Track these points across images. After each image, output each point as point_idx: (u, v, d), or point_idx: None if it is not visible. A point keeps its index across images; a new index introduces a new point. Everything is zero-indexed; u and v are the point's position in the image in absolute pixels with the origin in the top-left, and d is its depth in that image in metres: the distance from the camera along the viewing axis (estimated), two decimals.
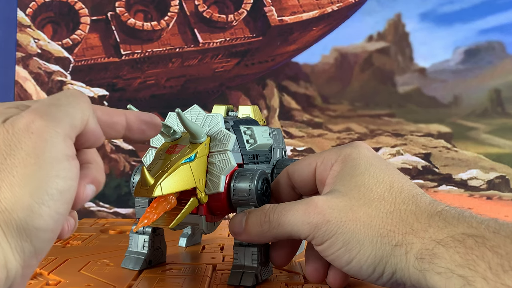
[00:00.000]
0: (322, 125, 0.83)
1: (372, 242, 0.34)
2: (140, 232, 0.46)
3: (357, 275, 0.36)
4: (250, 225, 0.39)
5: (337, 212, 0.36)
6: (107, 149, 0.82)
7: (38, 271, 0.44)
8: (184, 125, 0.39)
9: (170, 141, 0.42)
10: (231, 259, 0.49)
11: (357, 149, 0.40)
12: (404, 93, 0.84)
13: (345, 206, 0.36)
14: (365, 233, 0.35)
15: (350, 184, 0.37)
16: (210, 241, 0.57)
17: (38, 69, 0.83)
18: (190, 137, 0.41)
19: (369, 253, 0.34)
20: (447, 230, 0.32)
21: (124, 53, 0.83)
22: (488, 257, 0.30)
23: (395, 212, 0.35)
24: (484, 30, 0.83)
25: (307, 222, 0.36)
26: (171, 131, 0.41)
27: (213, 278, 0.43)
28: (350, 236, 0.35)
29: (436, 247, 0.32)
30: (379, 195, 0.36)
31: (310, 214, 0.36)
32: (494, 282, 0.29)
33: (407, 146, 0.83)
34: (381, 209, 0.35)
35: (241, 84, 0.84)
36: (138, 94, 0.83)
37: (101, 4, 0.84)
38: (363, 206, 0.36)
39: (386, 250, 0.34)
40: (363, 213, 0.35)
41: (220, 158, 0.41)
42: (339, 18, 0.83)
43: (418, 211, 0.35)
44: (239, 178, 0.41)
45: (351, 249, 0.35)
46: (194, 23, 0.83)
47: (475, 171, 0.82)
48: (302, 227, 0.36)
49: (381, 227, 0.35)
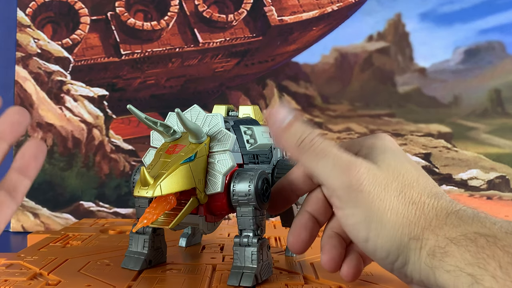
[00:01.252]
0: (322, 125, 0.83)
1: (394, 229, 0.34)
2: (141, 232, 0.46)
3: (369, 254, 0.36)
4: (293, 130, 0.37)
5: (373, 186, 0.35)
6: (107, 149, 0.82)
7: (38, 271, 0.44)
8: (184, 125, 0.39)
9: (170, 141, 0.42)
10: (231, 259, 0.49)
11: (381, 140, 0.39)
12: (404, 93, 0.84)
13: (381, 182, 0.35)
14: (390, 217, 0.34)
15: (385, 163, 0.36)
16: (210, 241, 0.57)
17: (38, 69, 0.83)
18: (190, 137, 0.41)
19: (387, 239, 0.34)
20: (460, 229, 0.32)
21: (124, 53, 0.83)
22: (499, 256, 0.30)
23: (420, 204, 0.35)
24: (484, 30, 0.83)
25: (342, 177, 0.35)
26: (171, 131, 0.41)
27: (213, 278, 0.43)
28: (375, 215, 0.34)
29: (448, 245, 0.32)
30: (409, 182, 0.35)
31: (351, 172, 0.35)
32: (503, 280, 0.29)
33: (407, 146, 0.82)
34: (409, 197, 0.35)
35: (241, 84, 0.84)
36: (138, 94, 0.83)
37: (101, 4, 0.84)
38: (395, 190, 0.35)
39: (404, 240, 0.34)
40: (394, 197, 0.35)
41: (220, 158, 0.41)
42: (339, 18, 0.83)
43: (439, 207, 0.34)
44: (239, 178, 0.41)
45: (371, 227, 0.34)
46: (194, 23, 0.83)
47: (475, 171, 0.82)
48: (335, 178, 0.35)
49: (404, 216, 0.34)
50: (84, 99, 0.83)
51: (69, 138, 0.83)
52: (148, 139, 0.44)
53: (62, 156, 0.82)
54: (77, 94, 0.83)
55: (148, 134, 0.45)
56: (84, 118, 0.83)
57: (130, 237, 0.46)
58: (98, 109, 0.83)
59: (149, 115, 0.40)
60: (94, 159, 0.82)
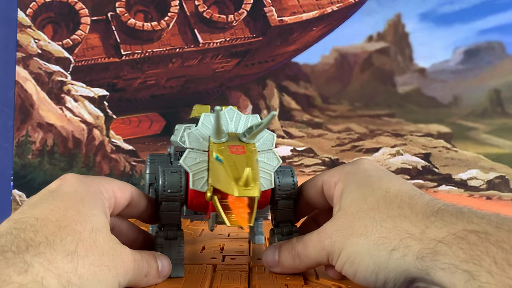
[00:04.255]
0: (322, 125, 0.84)
1: (369, 252, 0.35)
2: (172, 238, 0.43)
3: (366, 285, 0.37)
4: (283, 259, 0.42)
5: (340, 232, 0.38)
6: (107, 149, 0.82)
7: None
8: (258, 129, 0.39)
9: (221, 142, 0.41)
10: (231, 259, 0.49)
11: (356, 165, 0.42)
12: (404, 93, 0.84)
13: (345, 223, 0.38)
14: (362, 244, 0.36)
15: (348, 201, 0.39)
16: (210, 241, 0.57)
17: (38, 69, 0.83)
18: (249, 138, 0.41)
19: (367, 262, 0.35)
20: (446, 229, 0.33)
21: (124, 53, 0.83)
22: (493, 252, 0.30)
23: (389, 219, 0.36)
24: (484, 30, 0.83)
25: (322, 248, 0.39)
26: (223, 133, 0.41)
27: (213, 278, 0.43)
28: (351, 250, 0.36)
29: (437, 245, 0.32)
30: (373, 204, 0.37)
31: (322, 241, 0.39)
32: (499, 276, 0.29)
33: (407, 146, 0.83)
34: (375, 218, 0.36)
35: (241, 84, 0.84)
36: (138, 94, 0.83)
37: (101, 4, 0.84)
38: (359, 219, 0.37)
39: (383, 256, 0.35)
40: (359, 226, 0.37)
41: (268, 157, 0.43)
42: (339, 18, 0.83)
43: (413, 214, 0.35)
44: (281, 175, 0.44)
45: (353, 261, 0.36)
46: (194, 23, 0.83)
47: (475, 171, 0.82)
48: (320, 255, 0.39)
49: (376, 236, 0.36)
50: (85, 99, 0.83)
51: (70, 138, 0.83)
52: (148, 139, 0.45)
53: (62, 156, 0.83)
54: (78, 94, 0.83)
55: (148, 134, 0.45)
56: (84, 118, 0.83)
57: (159, 245, 0.43)
58: (99, 109, 0.83)
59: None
60: (95, 159, 0.82)
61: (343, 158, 0.83)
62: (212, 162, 0.40)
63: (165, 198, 0.42)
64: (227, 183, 0.37)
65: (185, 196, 0.42)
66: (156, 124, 0.81)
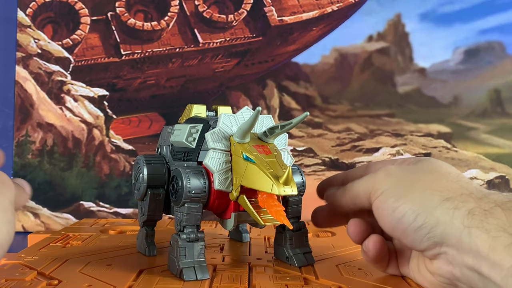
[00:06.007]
0: (322, 125, 0.83)
1: (422, 192, 0.36)
2: (194, 240, 0.42)
3: (399, 224, 0.36)
4: (331, 191, 0.45)
5: (394, 177, 0.38)
6: (107, 149, 0.82)
7: (38, 271, 0.44)
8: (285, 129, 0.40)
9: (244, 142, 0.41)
10: (231, 259, 0.49)
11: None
12: (404, 93, 0.84)
13: (401, 173, 0.39)
14: (418, 186, 0.36)
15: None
16: (210, 241, 0.57)
17: (38, 69, 0.83)
18: (271, 138, 0.42)
19: (415, 201, 0.35)
20: (508, 199, 0.33)
21: (124, 53, 0.83)
22: None
23: (455, 181, 0.36)
24: (484, 30, 0.83)
25: (368, 183, 0.40)
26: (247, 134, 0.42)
27: (213, 278, 0.43)
28: (403, 189, 0.37)
29: (494, 208, 0.32)
30: (433, 180, 0.38)
31: (373, 179, 0.40)
32: None
33: (407, 146, 0.83)
34: (440, 178, 0.37)
35: (241, 84, 0.84)
36: (138, 94, 0.83)
37: (101, 4, 0.84)
38: (421, 177, 0.38)
39: (434, 201, 0.35)
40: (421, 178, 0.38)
41: (283, 156, 0.44)
42: (339, 18, 0.83)
43: (477, 189, 0.36)
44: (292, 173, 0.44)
45: (400, 197, 0.36)
46: (194, 23, 0.83)
47: (475, 171, 0.82)
48: (367, 188, 0.40)
49: (436, 186, 0.36)
50: (85, 99, 0.83)
51: (70, 138, 0.83)
52: (148, 139, 0.45)
53: (62, 156, 0.83)
54: (78, 94, 0.83)
55: (148, 134, 0.45)
56: (84, 118, 0.83)
57: (182, 247, 0.42)
58: (98, 109, 0.83)
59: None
60: (94, 159, 0.82)
61: (343, 158, 0.83)
62: (236, 162, 0.41)
63: (188, 199, 0.42)
64: (265, 182, 0.38)
65: (208, 197, 0.43)
66: (156, 124, 0.81)
